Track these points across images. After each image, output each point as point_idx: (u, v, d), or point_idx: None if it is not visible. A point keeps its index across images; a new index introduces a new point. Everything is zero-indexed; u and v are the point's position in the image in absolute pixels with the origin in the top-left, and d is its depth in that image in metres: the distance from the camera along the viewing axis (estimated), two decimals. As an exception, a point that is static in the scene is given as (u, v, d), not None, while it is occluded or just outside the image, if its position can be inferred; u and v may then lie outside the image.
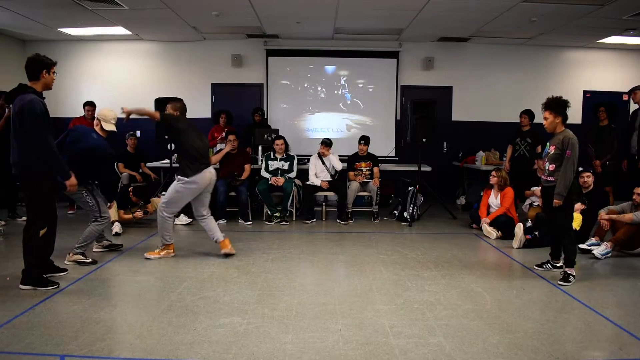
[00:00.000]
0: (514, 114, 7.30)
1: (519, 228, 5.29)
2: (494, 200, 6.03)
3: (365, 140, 6.93)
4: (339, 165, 6.83)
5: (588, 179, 5.37)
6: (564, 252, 4.15)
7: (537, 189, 6.00)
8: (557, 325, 3.15)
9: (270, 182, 6.59)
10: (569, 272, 4.02)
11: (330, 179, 6.82)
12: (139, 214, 6.07)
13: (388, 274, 4.23)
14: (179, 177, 4.54)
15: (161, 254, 4.67)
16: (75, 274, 4.07)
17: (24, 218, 6.30)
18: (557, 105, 4.10)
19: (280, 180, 6.58)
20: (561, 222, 4.12)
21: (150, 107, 7.10)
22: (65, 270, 4.06)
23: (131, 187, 6.36)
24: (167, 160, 7.27)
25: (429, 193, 6.96)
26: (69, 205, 7.24)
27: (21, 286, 3.64)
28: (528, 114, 6.96)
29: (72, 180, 3.83)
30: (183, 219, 6.33)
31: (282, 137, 6.88)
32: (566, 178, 3.98)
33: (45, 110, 3.58)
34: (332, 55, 8.65)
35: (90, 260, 4.41)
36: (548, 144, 4.23)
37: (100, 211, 4.48)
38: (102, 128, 4.54)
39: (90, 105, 7.27)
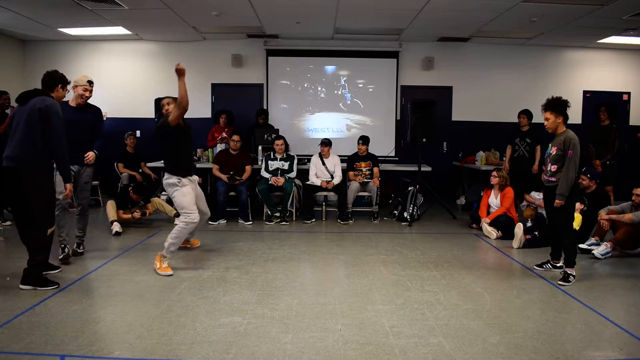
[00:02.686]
0: (513, 114, 7.30)
1: (519, 228, 5.29)
2: (494, 200, 6.03)
3: (364, 140, 6.93)
4: (339, 174, 6.79)
5: (583, 181, 5.36)
6: (564, 252, 4.15)
7: (536, 198, 5.99)
8: (557, 325, 3.15)
9: (270, 182, 6.59)
10: (569, 272, 4.02)
11: (330, 179, 6.82)
12: (137, 214, 6.06)
13: (388, 274, 4.23)
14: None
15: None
16: (75, 274, 4.08)
17: (9, 223, 6.11)
18: (558, 106, 4.11)
19: (280, 180, 6.58)
20: (562, 222, 4.12)
21: (150, 107, 7.13)
22: (58, 267, 4.07)
23: (131, 186, 6.35)
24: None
25: (429, 193, 6.96)
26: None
27: (21, 286, 3.65)
28: (527, 114, 6.96)
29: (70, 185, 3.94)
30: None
31: (282, 137, 6.88)
32: (568, 178, 3.98)
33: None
34: (332, 55, 8.65)
35: (62, 256, 4.38)
36: (550, 144, 4.23)
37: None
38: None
39: None
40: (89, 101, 4.62)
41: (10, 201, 4.71)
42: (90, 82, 4.53)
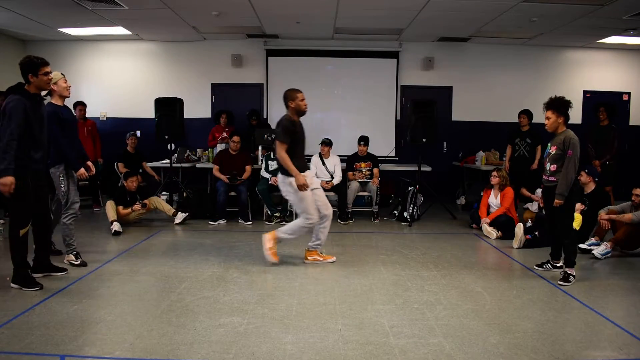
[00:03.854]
0: (514, 114, 7.31)
1: (519, 228, 5.28)
2: (494, 200, 6.03)
3: (364, 140, 6.91)
4: (339, 174, 6.77)
5: (581, 177, 5.35)
6: (564, 252, 4.15)
7: (536, 195, 6.01)
8: (557, 325, 3.15)
9: (270, 182, 6.59)
10: (569, 272, 4.02)
11: (330, 179, 6.81)
12: (137, 206, 6.04)
13: (388, 274, 4.23)
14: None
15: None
16: (75, 274, 4.07)
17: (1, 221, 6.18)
18: (560, 105, 4.10)
19: (280, 180, 6.57)
20: (562, 222, 4.11)
21: (150, 107, 7.11)
22: (64, 270, 4.06)
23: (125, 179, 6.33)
24: (167, 160, 7.27)
25: (429, 193, 6.96)
26: (93, 202, 7.25)
27: (11, 284, 3.65)
28: (527, 114, 6.96)
29: (6, 179, 3.46)
30: (180, 216, 6.31)
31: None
32: (568, 178, 3.98)
33: (25, 110, 3.51)
34: (332, 55, 8.64)
35: (79, 262, 4.29)
36: (549, 144, 4.23)
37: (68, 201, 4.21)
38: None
39: (81, 105, 7.36)
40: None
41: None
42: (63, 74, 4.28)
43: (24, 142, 3.54)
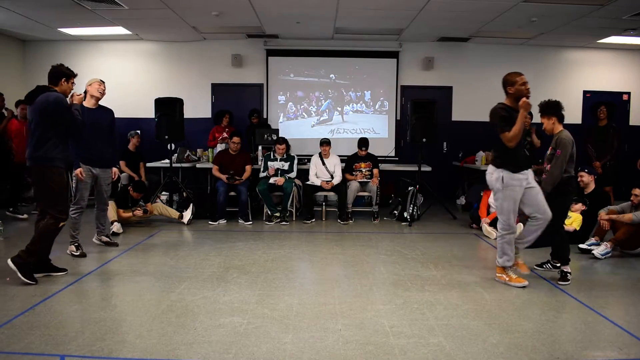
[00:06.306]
0: (514, 114, 7.28)
1: (519, 228, 5.27)
2: (494, 200, 6.02)
3: (365, 145, 6.85)
4: (339, 174, 6.77)
5: (582, 178, 5.34)
6: (557, 249, 4.16)
7: None
8: (557, 325, 3.16)
9: (270, 182, 6.59)
10: (565, 269, 4.03)
11: (330, 179, 6.80)
12: (138, 212, 6.05)
13: (388, 274, 4.23)
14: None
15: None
16: (75, 273, 4.07)
17: (25, 216, 6.35)
18: (547, 108, 4.21)
19: (280, 180, 6.58)
20: (553, 221, 4.08)
21: (150, 107, 7.10)
22: (64, 270, 4.06)
23: (131, 185, 6.34)
24: (167, 160, 7.27)
25: (429, 193, 6.96)
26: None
27: (9, 262, 3.69)
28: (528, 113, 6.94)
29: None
30: (187, 216, 6.31)
31: (285, 141, 6.83)
32: (553, 176, 4.02)
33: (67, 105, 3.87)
34: (332, 55, 8.64)
35: (79, 253, 4.60)
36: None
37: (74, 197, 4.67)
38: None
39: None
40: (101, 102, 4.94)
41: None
42: (102, 81, 4.93)
43: (63, 136, 3.85)
